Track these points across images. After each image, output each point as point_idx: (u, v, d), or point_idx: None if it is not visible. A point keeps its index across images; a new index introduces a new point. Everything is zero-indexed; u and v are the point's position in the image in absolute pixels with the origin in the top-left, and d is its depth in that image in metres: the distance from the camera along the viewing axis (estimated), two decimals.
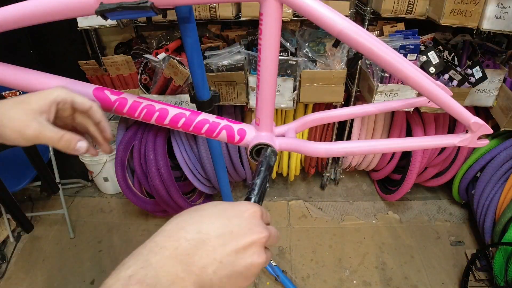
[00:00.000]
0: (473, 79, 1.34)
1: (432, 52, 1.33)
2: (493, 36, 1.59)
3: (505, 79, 1.41)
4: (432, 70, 1.34)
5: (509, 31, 1.22)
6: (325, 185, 2.04)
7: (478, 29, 1.24)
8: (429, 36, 1.50)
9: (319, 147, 0.64)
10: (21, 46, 1.73)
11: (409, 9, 1.32)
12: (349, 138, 1.75)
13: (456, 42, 1.57)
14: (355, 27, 0.49)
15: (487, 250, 1.47)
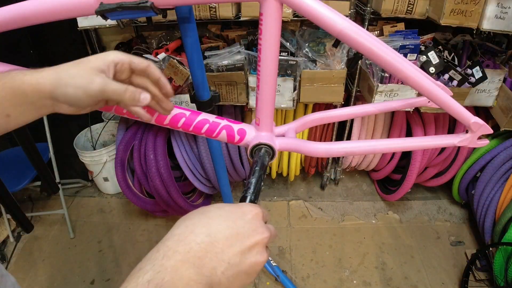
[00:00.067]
0: (473, 79, 1.34)
1: (432, 52, 1.33)
2: (493, 36, 1.59)
3: (505, 79, 1.41)
4: (432, 70, 1.34)
5: (509, 31, 1.22)
6: (325, 185, 2.04)
7: (478, 29, 1.24)
8: (429, 36, 1.50)
9: (319, 147, 0.64)
10: (21, 46, 1.73)
11: (409, 9, 1.32)
12: (349, 138, 1.75)
13: (456, 42, 1.58)
14: (355, 27, 0.49)
15: (487, 250, 1.47)
